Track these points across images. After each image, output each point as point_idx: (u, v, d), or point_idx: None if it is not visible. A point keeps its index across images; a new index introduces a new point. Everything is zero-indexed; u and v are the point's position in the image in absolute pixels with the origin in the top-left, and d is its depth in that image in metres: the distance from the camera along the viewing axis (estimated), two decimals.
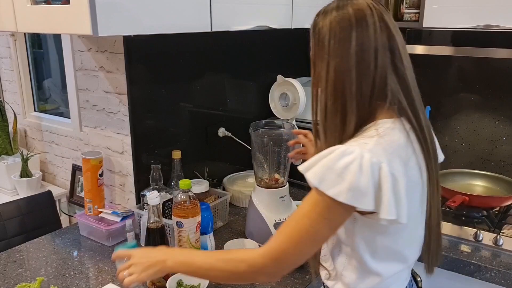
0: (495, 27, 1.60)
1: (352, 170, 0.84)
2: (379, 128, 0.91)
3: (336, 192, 0.85)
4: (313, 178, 0.88)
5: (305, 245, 0.91)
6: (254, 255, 0.95)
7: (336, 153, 0.87)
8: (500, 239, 1.49)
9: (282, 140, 1.54)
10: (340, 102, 0.93)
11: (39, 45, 2.41)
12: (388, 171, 0.85)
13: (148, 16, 1.20)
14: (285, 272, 0.96)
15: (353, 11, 0.92)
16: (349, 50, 0.91)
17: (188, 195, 1.31)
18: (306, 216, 0.90)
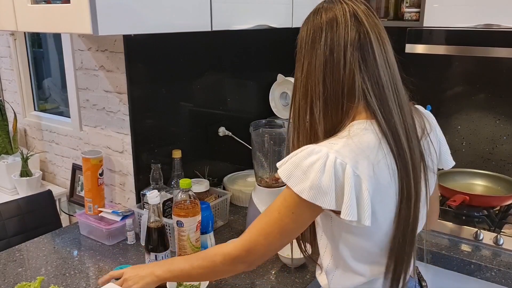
0: (495, 26, 1.60)
1: (315, 169, 0.86)
2: (351, 129, 0.91)
3: (300, 189, 0.87)
4: (283, 173, 0.91)
5: (274, 237, 0.95)
6: (228, 248, 1.00)
7: (305, 151, 0.89)
8: (500, 238, 1.48)
9: (282, 139, 1.54)
10: (308, 101, 0.94)
11: (39, 44, 2.41)
12: (352, 172, 0.85)
13: (148, 15, 1.20)
14: (259, 261, 1.01)
15: (325, 13, 0.94)
16: (318, 50, 0.92)
17: (188, 194, 1.31)
18: (276, 210, 0.94)
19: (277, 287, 1.31)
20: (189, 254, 1.32)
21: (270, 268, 1.40)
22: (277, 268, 1.41)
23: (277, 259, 1.46)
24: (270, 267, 1.41)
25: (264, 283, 1.32)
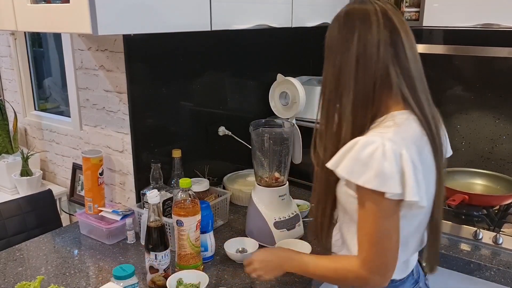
0: (495, 26, 1.60)
1: (376, 158, 0.91)
2: (396, 119, 0.97)
3: (364, 181, 0.92)
4: (343, 172, 0.95)
5: (384, 244, 0.97)
6: (356, 269, 1.00)
7: (359, 144, 0.93)
8: (500, 237, 1.49)
9: (282, 138, 1.55)
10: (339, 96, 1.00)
11: (39, 43, 2.41)
12: (408, 157, 0.92)
13: (148, 15, 1.20)
14: (387, 273, 1.00)
15: (357, 12, 0.99)
16: (351, 47, 0.97)
17: (188, 193, 1.31)
18: (367, 221, 0.97)
19: (277, 286, 1.31)
20: (189, 253, 1.32)
21: None
22: None
23: None
24: None
25: (263, 283, 1.32)
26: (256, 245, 1.47)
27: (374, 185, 0.91)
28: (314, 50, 2.43)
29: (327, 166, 0.98)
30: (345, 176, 0.94)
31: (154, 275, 1.28)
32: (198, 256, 1.36)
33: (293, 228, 1.54)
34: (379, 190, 0.91)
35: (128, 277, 1.19)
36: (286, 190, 1.56)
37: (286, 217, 1.53)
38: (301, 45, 2.40)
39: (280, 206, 1.54)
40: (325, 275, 1.10)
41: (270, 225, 1.50)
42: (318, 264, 1.11)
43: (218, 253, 1.48)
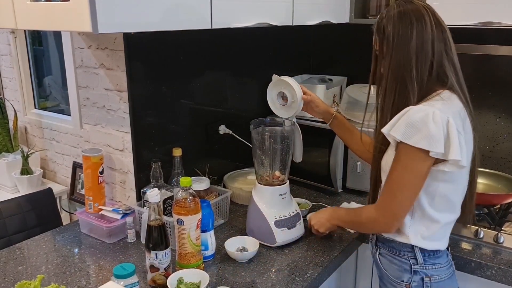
0: (496, 24, 1.59)
1: (426, 122, 1.09)
2: (442, 95, 1.16)
3: (415, 141, 1.10)
4: (396, 133, 1.13)
5: (401, 194, 1.17)
6: (371, 211, 1.26)
7: (411, 111, 1.12)
8: (501, 236, 1.48)
9: (282, 137, 1.54)
10: (400, 83, 1.17)
11: (39, 42, 2.41)
12: (454, 124, 1.10)
13: (148, 13, 1.20)
14: (395, 222, 1.21)
15: (412, 12, 1.17)
16: (410, 43, 1.15)
17: (188, 192, 1.31)
18: (394, 171, 1.17)
19: (277, 285, 1.31)
20: (189, 252, 1.32)
21: (270, 267, 1.41)
22: (277, 267, 1.41)
23: (278, 256, 1.46)
24: (270, 265, 1.41)
25: (264, 281, 1.32)
26: (257, 244, 1.47)
27: (423, 145, 1.09)
28: (314, 48, 2.44)
29: (382, 131, 1.16)
30: (397, 136, 1.12)
31: (155, 274, 1.28)
32: (198, 255, 1.35)
33: (294, 227, 1.53)
34: (426, 149, 1.09)
35: (128, 276, 1.19)
36: (287, 188, 1.56)
37: (286, 215, 1.53)
38: (302, 43, 2.40)
39: (280, 204, 1.54)
40: (350, 220, 1.39)
41: (270, 224, 1.50)
42: (347, 211, 1.43)
43: (219, 252, 1.48)
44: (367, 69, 1.31)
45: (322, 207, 1.81)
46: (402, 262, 1.28)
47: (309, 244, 1.54)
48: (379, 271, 1.37)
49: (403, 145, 1.12)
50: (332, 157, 1.91)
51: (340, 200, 1.88)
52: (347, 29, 2.10)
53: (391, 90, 1.19)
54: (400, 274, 1.28)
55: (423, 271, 1.25)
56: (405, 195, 1.17)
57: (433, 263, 1.26)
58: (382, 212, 1.22)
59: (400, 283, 1.28)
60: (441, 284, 1.26)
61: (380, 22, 1.22)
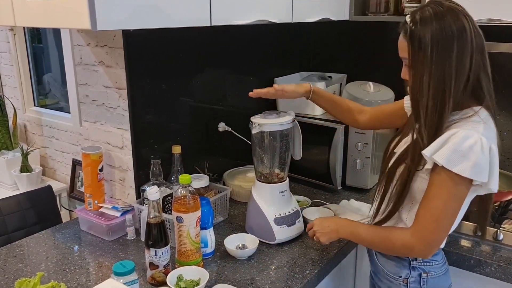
0: (497, 21, 1.59)
1: (475, 151, 1.05)
2: (480, 115, 1.11)
3: (461, 169, 1.05)
4: (440, 159, 1.06)
5: (444, 222, 1.13)
6: (407, 237, 1.16)
7: (458, 136, 1.06)
8: (500, 234, 1.48)
9: (282, 135, 1.54)
10: (440, 102, 1.09)
11: (38, 39, 2.40)
12: (496, 152, 1.09)
13: (147, 10, 1.19)
14: (435, 249, 1.19)
15: (452, 20, 1.06)
16: (451, 58, 1.06)
17: (188, 190, 1.31)
18: (439, 199, 1.11)
19: (277, 282, 1.31)
20: (189, 249, 1.32)
21: (270, 264, 1.41)
22: (276, 264, 1.41)
23: (277, 254, 1.46)
24: (269, 262, 1.41)
25: (263, 278, 1.33)
26: (256, 241, 1.47)
27: (469, 174, 1.05)
28: (314, 46, 2.44)
29: (423, 153, 1.09)
30: (441, 162, 1.06)
31: (154, 271, 1.28)
32: (198, 252, 1.35)
33: (293, 224, 1.53)
34: (473, 178, 1.06)
35: (128, 273, 1.19)
36: (286, 186, 1.56)
37: (286, 213, 1.53)
38: (302, 40, 2.39)
39: (280, 202, 1.54)
40: (374, 240, 1.26)
41: (270, 221, 1.50)
42: (369, 230, 1.28)
43: (218, 249, 1.48)
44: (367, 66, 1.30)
45: (322, 204, 1.81)
46: (401, 258, 1.28)
47: (308, 241, 1.54)
48: (375, 267, 1.37)
49: (446, 172, 1.07)
50: (331, 154, 1.91)
51: (340, 197, 1.88)
52: (347, 26, 2.10)
53: (433, 108, 1.09)
54: (398, 270, 1.29)
55: (421, 267, 1.26)
56: (449, 222, 1.14)
57: (430, 260, 1.27)
58: (422, 240, 1.14)
59: (398, 278, 1.28)
60: (436, 280, 1.27)
61: (414, 28, 1.09)
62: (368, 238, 1.27)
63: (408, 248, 1.17)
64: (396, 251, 1.24)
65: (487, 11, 1.60)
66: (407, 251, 1.20)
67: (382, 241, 1.23)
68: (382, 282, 1.34)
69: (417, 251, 1.17)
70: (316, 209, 1.72)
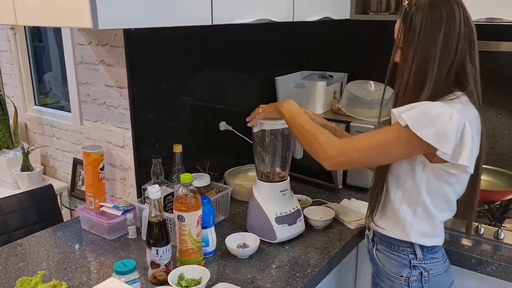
0: (498, 20, 1.59)
1: (443, 119, 1.06)
2: (460, 99, 1.13)
3: (424, 134, 1.06)
4: (407, 118, 1.08)
5: (369, 153, 1.17)
6: (333, 141, 1.21)
7: (431, 104, 1.09)
8: (501, 233, 1.49)
9: (283, 134, 1.54)
10: (420, 80, 1.13)
11: (39, 38, 2.40)
12: (470, 130, 1.08)
13: (149, 9, 1.19)
14: (344, 166, 1.28)
15: (444, 6, 1.12)
16: (437, 39, 1.11)
17: (189, 189, 1.31)
18: (382, 134, 1.15)
19: (278, 281, 1.31)
20: (190, 248, 1.32)
21: (271, 263, 1.41)
22: (277, 263, 1.41)
23: (278, 253, 1.46)
24: (270, 261, 1.42)
25: (265, 277, 1.33)
26: (257, 240, 1.47)
27: (431, 141, 1.06)
28: (315, 45, 2.43)
29: (393, 111, 1.12)
30: (407, 121, 1.07)
31: (156, 270, 1.29)
32: (199, 251, 1.36)
33: (294, 223, 1.53)
34: (434, 145, 1.06)
35: (129, 272, 1.19)
36: (287, 185, 1.56)
37: (287, 212, 1.53)
38: (302, 39, 2.39)
39: (281, 201, 1.54)
40: (304, 130, 1.28)
41: (271, 220, 1.50)
42: (307, 122, 1.30)
43: (219, 248, 1.48)
44: (368, 65, 1.31)
45: (323, 203, 1.81)
46: (401, 257, 1.28)
47: (309, 240, 1.54)
48: (376, 267, 1.37)
49: (409, 132, 1.08)
50: None
51: (341, 197, 1.88)
52: (348, 25, 2.10)
53: (412, 83, 1.15)
54: (399, 270, 1.29)
55: (422, 265, 1.26)
56: (372, 158, 1.18)
57: (431, 258, 1.27)
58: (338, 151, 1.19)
59: (399, 278, 1.28)
60: (438, 278, 1.28)
61: (409, 10, 1.16)
62: (300, 124, 1.30)
63: (322, 149, 1.21)
64: (312, 146, 1.25)
65: (488, 10, 1.60)
66: (318, 151, 1.23)
67: (307, 134, 1.27)
68: (384, 282, 1.34)
69: (325, 156, 1.21)
70: (317, 208, 1.72)
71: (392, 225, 1.29)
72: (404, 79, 1.16)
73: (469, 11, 1.16)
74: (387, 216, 1.30)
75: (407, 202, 1.23)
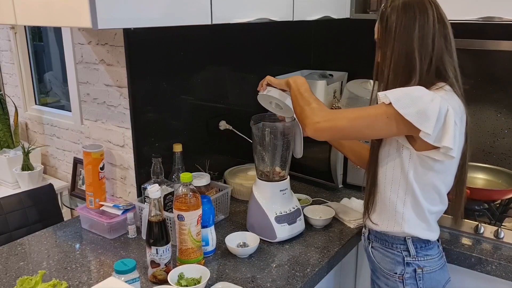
0: (497, 19, 1.59)
1: (424, 99, 1.09)
2: (444, 88, 1.17)
3: (406, 112, 1.09)
4: (391, 96, 1.11)
5: (362, 124, 1.18)
6: (324, 109, 1.23)
7: (414, 87, 1.13)
8: (501, 232, 1.48)
9: (283, 133, 1.54)
10: (402, 76, 1.18)
11: (39, 38, 2.41)
12: (453, 114, 1.10)
13: (148, 9, 1.19)
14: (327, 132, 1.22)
15: (417, 5, 1.17)
16: (412, 35, 1.16)
17: (189, 188, 1.31)
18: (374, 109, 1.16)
19: (278, 280, 1.31)
20: (190, 248, 1.32)
21: (271, 262, 1.41)
22: (277, 262, 1.41)
23: (278, 252, 1.46)
24: (270, 260, 1.42)
25: (264, 276, 1.33)
26: (257, 239, 1.47)
27: (412, 119, 1.08)
28: (315, 44, 2.43)
29: (378, 93, 1.16)
30: (391, 100, 1.10)
31: (155, 269, 1.29)
32: (199, 251, 1.36)
33: (294, 222, 1.54)
34: (415, 124, 1.08)
35: (129, 271, 1.19)
36: (287, 184, 1.56)
37: (287, 211, 1.53)
38: (302, 38, 2.39)
39: (281, 200, 1.54)
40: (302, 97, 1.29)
41: (271, 220, 1.50)
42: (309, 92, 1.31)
43: (219, 247, 1.49)
44: (368, 64, 1.30)
45: (323, 202, 1.81)
46: (395, 254, 1.29)
47: (309, 239, 1.54)
48: (372, 265, 1.38)
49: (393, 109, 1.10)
50: (332, 152, 1.91)
51: (341, 196, 1.88)
52: (348, 24, 2.09)
53: (393, 81, 1.19)
54: (393, 267, 1.30)
55: (416, 262, 1.27)
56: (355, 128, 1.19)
57: (425, 255, 1.28)
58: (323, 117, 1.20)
59: (393, 275, 1.29)
60: (432, 275, 1.28)
61: (384, 11, 1.21)
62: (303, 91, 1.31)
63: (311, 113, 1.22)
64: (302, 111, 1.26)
65: (487, 9, 1.59)
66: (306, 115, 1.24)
67: (308, 98, 1.28)
68: (380, 280, 1.35)
69: (311, 121, 1.22)
70: (317, 207, 1.72)
71: (384, 219, 1.30)
72: (385, 76, 1.21)
73: (469, 10, 1.18)
74: (380, 211, 1.32)
75: (396, 193, 1.25)
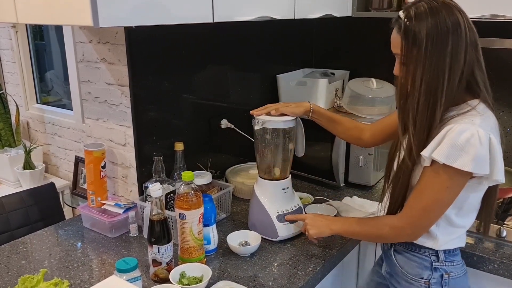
0: (501, 17, 1.58)
1: (473, 143, 1.04)
2: (477, 109, 1.10)
3: (461, 164, 1.04)
4: (439, 156, 1.06)
5: (433, 212, 1.15)
6: (395, 221, 1.21)
7: (454, 131, 1.05)
8: (503, 230, 1.48)
9: (284, 132, 1.54)
10: (432, 98, 1.09)
11: (41, 36, 2.40)
12: (497, 142, 1.07)
13: (150, 7, 1.19)
14: (420, 232, 1.19)
15: (447, 15, 1.06)
16: (445, 53, 1.06)
17: (190, 187, 1.31)
18: (431, 189, 1.12)
19: (279, 279, 1.31)
20: (191, 246, 1.32)
21: (273, 261, 1.41)
22: (279, 261, 1.41)
23: (280, 250, 1.46)
24: (272, 259, 1.41)
25: (266, 275, 1.33)
26: (259, 238, 1.47)
27: (471, 168, 1.04)
28: (317, 42, 2.43)
29: (422, 154, 1.10)
30: (441, 159, 1.05)
31: (157, 268, 1.29)
32: (201, 249, 1.36)
33: (296, 221, 1.53)
34: (473, 172, 1.05)
35: (131, 270, 1.19)
36: (289, 183, 1.56)
37: (289, 210, 1.53)
38: (304, 36, 2.39)
39: (282, 199, 1.54)
40: (364, 229, 1.28)
41: (273, 218, 1.50)
42: (359, 221, 1.31)
43: (221, 246, 1.48)
44: (370, 63, 1.30)
45: (324, 201, 1.80)
46: (422, 259, 1.25)
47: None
48: (392, 268, 1.32)
49: (446, 167, 1.06)
50: (334, 151, 1.90)
51: (342, 194, 1.88)
52: (350, 23, 2.09)
53: (425, 104, 1.09)
54: (420, 271, 1.25)
55: (443, 267, 1.24)
56: (438, 212, 1.15)
57: (452, 260, 1.25)
58: (410, 224, 1.17)
59: (419, 280, 1.24)
60: (457, 281, 1.25)
61: (409, 24, 1.08)
62: (358, 229, 1.30)
63: (396, 231, 1.20)
64: (385, 237, 1.26)
65: (491, 7, 1.59)
66: (395, 234, 1.22)
67: (371, 229, 1.26)
68: (400, 284, 1.29)
69: (404, 234, 1.21)
70: (318, 206, 1.72)
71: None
72: (415, 100, 1.10)
73: (473, 8, 1.12)
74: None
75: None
